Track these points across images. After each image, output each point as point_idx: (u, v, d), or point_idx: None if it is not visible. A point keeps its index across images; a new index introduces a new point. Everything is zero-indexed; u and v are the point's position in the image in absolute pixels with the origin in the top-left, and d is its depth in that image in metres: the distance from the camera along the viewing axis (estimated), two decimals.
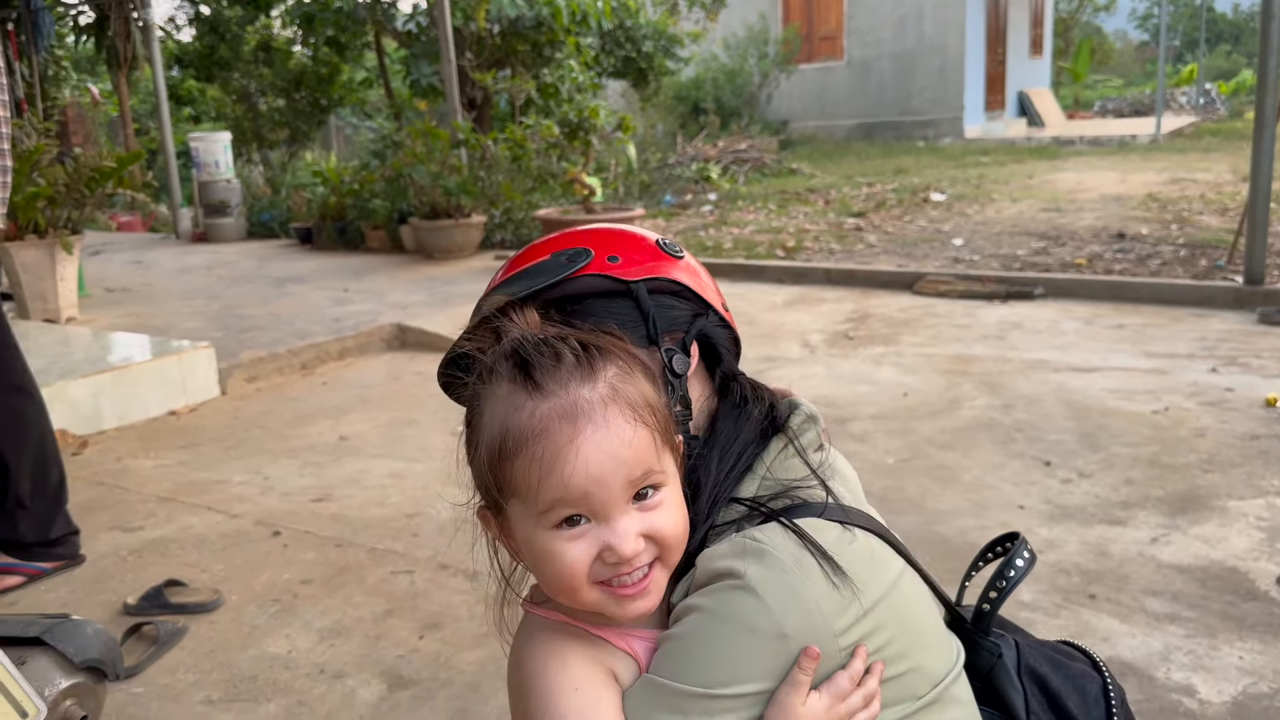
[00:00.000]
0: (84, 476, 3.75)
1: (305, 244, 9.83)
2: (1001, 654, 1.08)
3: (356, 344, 5.60)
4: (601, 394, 0.85)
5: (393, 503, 3.40)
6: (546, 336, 0.89)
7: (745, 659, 0.87)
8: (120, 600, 2.76)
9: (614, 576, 0.87)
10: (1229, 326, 5.21)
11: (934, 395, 4.29)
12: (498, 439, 0.86)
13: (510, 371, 0.87)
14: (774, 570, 0.88)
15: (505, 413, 0.86)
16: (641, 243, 1.06)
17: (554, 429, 0.83)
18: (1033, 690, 1.08)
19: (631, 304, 1.01)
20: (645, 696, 0.89)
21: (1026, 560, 1.08)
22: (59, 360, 4.59)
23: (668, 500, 0.88)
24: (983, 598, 1.08)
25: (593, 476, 0.83)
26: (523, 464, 0.84)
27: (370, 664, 2.41)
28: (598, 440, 0.83)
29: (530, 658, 0.92)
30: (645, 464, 0.86)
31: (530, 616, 0.96)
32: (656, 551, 0.88)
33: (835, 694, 0.88)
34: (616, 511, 0.85)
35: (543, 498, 0.84)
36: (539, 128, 9.22)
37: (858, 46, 19.22)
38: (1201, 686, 2.16)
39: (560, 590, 0.89)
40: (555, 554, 0.86)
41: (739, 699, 0.87)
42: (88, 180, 6.19)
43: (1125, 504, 3.11)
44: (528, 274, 1.02)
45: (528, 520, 0.87)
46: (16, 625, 1.92)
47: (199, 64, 15.39)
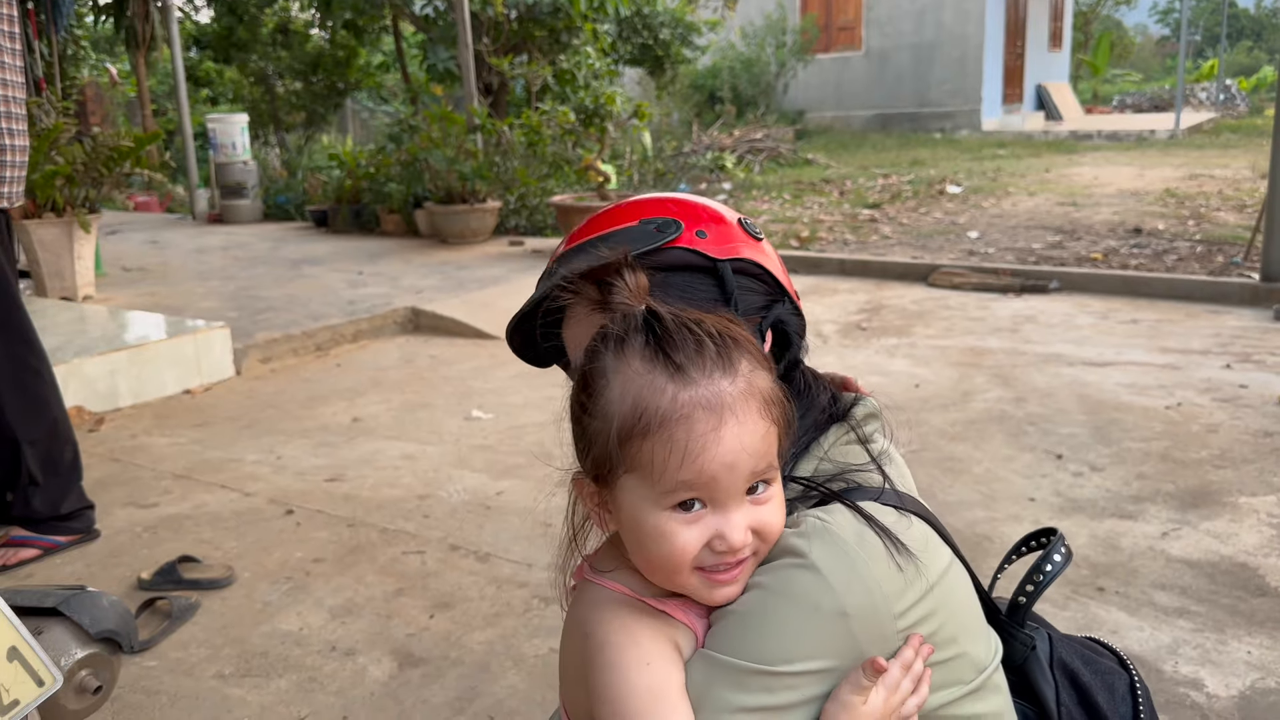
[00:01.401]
0: (100, 453, 3.78)
1: (320, 227, 9.86)
2: (1035, 646, 1.08)
3: (371, 327, 5.62)
4: (740, 388, 0.86)
5: (405, 484, 3.43)
6: (683, 319, 0.88)
7: (807, 637, 0.87)
8: (134, 575, 2.79)
9: (716, 564, 0.87)
10: (1244, 323, 5.18)
11: (946, 387, 4.29)
12: (634, 416, 0.85)
13: (645, 349, 0.87)
14: (837, 549, 0.88)
15: (642, 391, 0.85)
16: (725, 220, 1.05)
17: (696, 417, 0.84)
18: (1064, 684, 1.09)
19: (714, 282, 1.01)
20: (705, 671, 0.89)
21: (1064, 556, 1.09)
22: (76, 338, 4.62)
23: (775, 497, 0.90)
24: (1019, 590, 1.09)
25: (725, 465, 0.84)
26: (657, 445, 0.84)
27: (381, 642, 2.43)
28: (736, 432, 0.84)
29: (599, 629, 0.91)
30: (768, 458, 0.87)
31: (593, 587, 0.96)
32: (756, 545, 0.89)
33: (889, 685, 0.88)
34: (733, 502, 0.86)
35: (669, 479, 0.84)
36: (555, 114, 9.21)
37: (876, 37, 19.12)
38: (1209, 680, 2.16)
39: (660, 569, 0.89)
40: (668, 535, 0.86)
41: (800, 676, 0.87)
42: (106, 159, 6.22)
43: (1136, 498, 3.10)
44: (614, 237, 1.01)
45: (643, 497, 0.87)
46: (34, 596, 1.94)
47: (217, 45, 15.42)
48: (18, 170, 2.66)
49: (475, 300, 6.00)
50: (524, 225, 8.85)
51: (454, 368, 4.92)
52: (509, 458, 3.62)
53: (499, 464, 3.57)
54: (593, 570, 0.97)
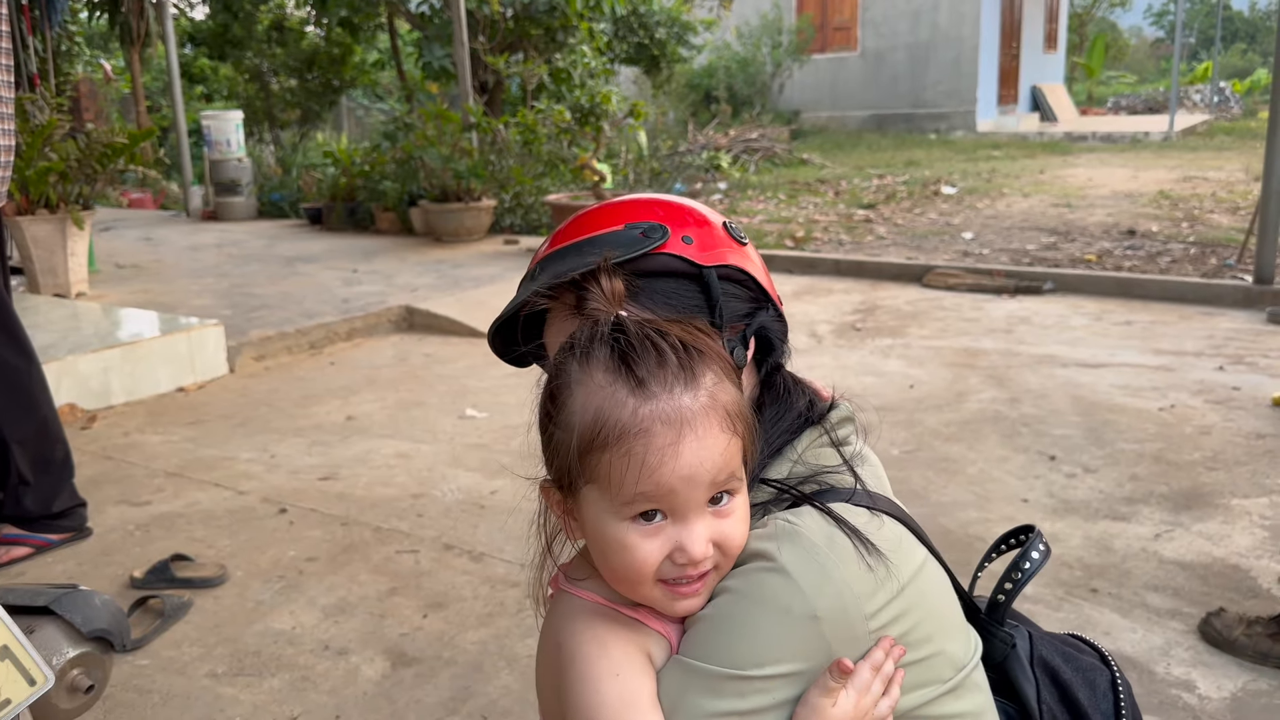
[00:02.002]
0: (92, 451, 3.77)
1: (315, 224, 9.84)
2: (1015, 644, 1.09)
3: (365, 325, 5.61)
4: (702, 403, 0.86)
5: (399, 483, 3.42)
6: (647, 330, 0.88)
7: (778, 640, 0.87)
8: (127, 574, 2.79)
9: (678, 576, 0.87)
10: (1237, 325, 5.20)
11: (940, 388, 4.29)
12: (593, 429, 0.85)
13: (609, 361, 0.87)
14: (807, 552, 0.88)
15: (603, 404, 0.85)
16: (710, 225, 1.05)
17: (656, 431, 0.84)
18: (1044, 681, 1.09)
19: (699, 289, 1.00)
20: (678, 678, 0.89)
21: (1041, 553, 1.09)
22: (69, 335, 4.61)
23: (739, 509, 0.89)
24: (998, 589, 1.09)
25: (683, 478, 0.84)
26: (615, 457, 0.84)
27: (374, 641, 2.43)
28: (695, 447, 0.84)
29: (570, 640, 0.92)
30: (729, 469, 0.87)
31: (566, 596, 0.96)
32: (718, 559, 0.88)
33: (859, 687, 0.88)
34: (694, 514, 0.86)
35: (628, 491, 0.84)
36: (550, 113, 9.19)
37: (872, 37, 19.13)
38: (1201, 682, 2.16)
39: (622, 581, 0.89)
40: (629, 547, 0.86)
41: (771, 680, 0.87)
42: (99, 156, 6.20)
43: (1129, 499, 3.11)
44: (599, 242, 1.00)
45: (604, 509, 0.87)
46: (26, 594, 1.94)
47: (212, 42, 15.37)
48: (4, 170, 2.64)
49: (470, 299, 6.00)
50: (519, 224, 8.84)
51: (448, 366, 4.92)
52: (503, 457, 3.61)
53: (493, 463, 3.56)
54: (567, 579, 0.97)
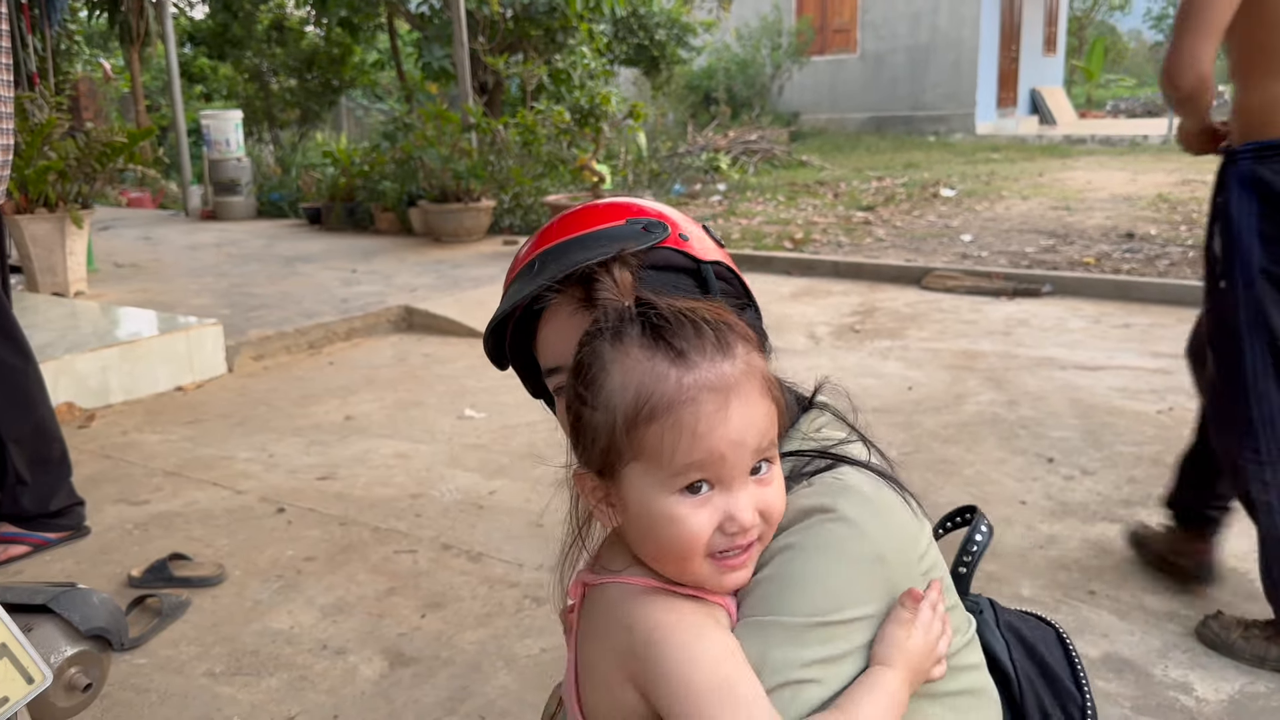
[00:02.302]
0: (90, 450, 3.77)
1: (314, 224, 9.84)
2: (982, 610, 1.17)
3: (364, 325, 5.61)
4: (741, 368, 0.88)
5: (397, 483, 3.42)
6: (677, 306, 0.90)
7: (852, 584, 0.91)
8: (125, 573, 2.79)
9: (728, 548, 0.88)
10: None
11: (939, 390, 4.30)
12: (638, 403, 0.86)
13: (643, 337, 0.88)
14: (861, 500, 0.94)
15: (644, 378, 0.86)
16: (695, 225, 1.08)
17: (702, 398, 0.85)
18: (1013, 641, 1.17)
19: (696, 284, 1.03)
20: (758, 637, 0.89)
21: (985, 534, 1.17)
22: (67, 334, 4.61)
23: (777, 478, 0.91)
24: (956, 563, 1.15)
25: (733, 443, 0.85)
26: (667, 428, 0.85)
27: (372, 641, 2.43)
28: (742, 411, 0.86)
29: (644, 619, 0.90)
30: (770, 435, 0.89)
31: (613, 586, 0.94)
32: (762, 528, 0.90)
33: (925, 624, 0.92)
34: (739, 482, 0.87)
35: (679, 461, 0.85)
36: (550, 113, 9.20)
37: (871, 40, 19.14)
38: (1199, 685, 2.17)
39: (671, 557, 0.89)
40: (680, 519, 0.87)
41: (852, 624, 0.90)
42: (99, 155, 6.20)
43: (1127, 502, 3.11)
44: (603, 236, 1.01)
45: (651, 484, 0.87)
46: (24, 593, 1.94)
47: (211, 42, 15.37)
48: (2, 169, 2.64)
49: (469, 299, 5.99)
50: (518, 224, 8.83)
51: (447, 366, 4.92)
52: (501, 457, 3.61)
53: (491, 463, 3.56)
54: (605, 571, 0.96)
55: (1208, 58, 2.05)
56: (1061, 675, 1.18)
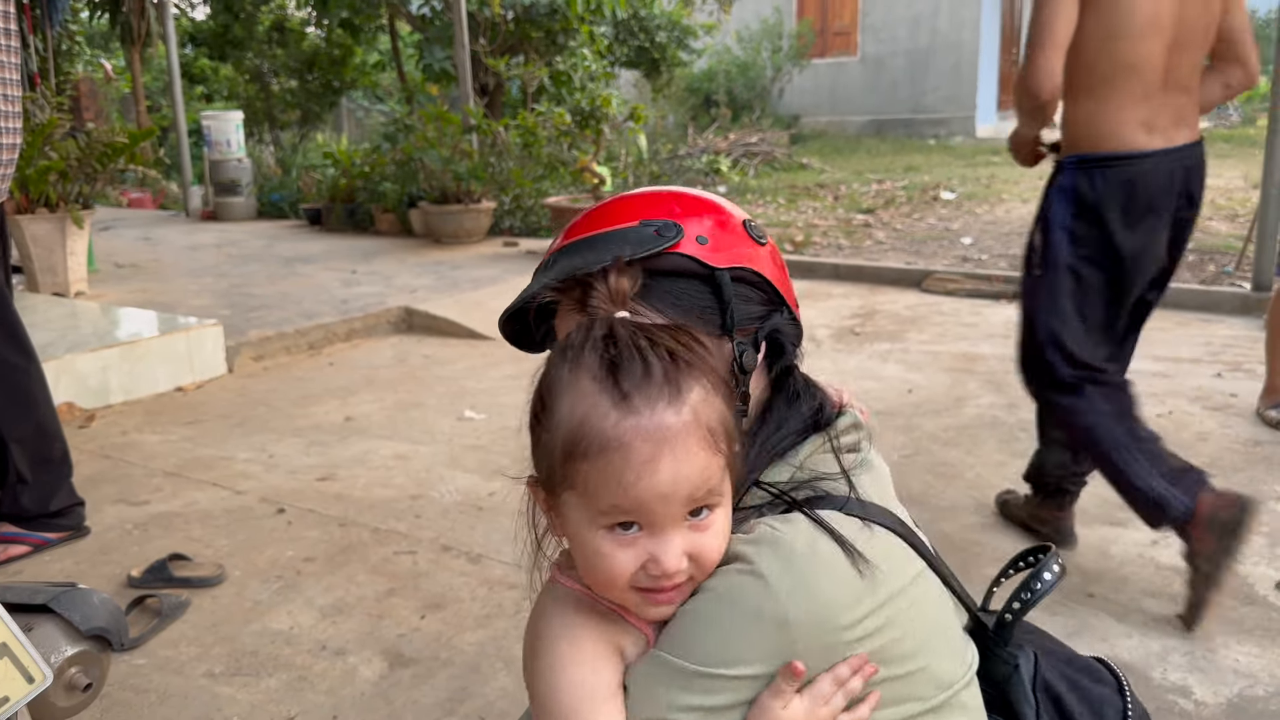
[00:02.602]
0: (90, 450, 3.77)
1: (314, 225, 9.85)
2: (1018, 665, 1.06)
3: (364, 326, 5.61)
4: (685, 420, 0.85)
5: (397, 484, 3.42)
6: (639, 340, 0.88)
7: (746, 642, 0.88)
8: (124, 573, 2.79)
9: (651, 587, 0.89)
10: (1235, 332, 5.20)
11: (939, 392, 4.30)
12: (574, 439, 0.86)
13: (597, 369, 0.86)
14: (785, 559, 0.88)
15: (586, 413, 0.85)
16: (729, 223, 1.03)
17: (635, 446, 0.84)
18: (1046, 705, 1.07)
19: (711, 291, 0.99)
20: (652, 671, 0.91)
21: (1055, 574, 1.06)
22: (67, 334, 4.61)
23: (717, 523, 0.89)
24: (1006, 607, 1.07)
25: (659, 494, 0.84)
26: (595, 468, 0.85)
27: (371, 642, 2.43)
28: (673, 465, 0.84)
29: (547, 628, 0.95)
30: (708, 485, 0.87)
31: (554, 585, 0.98)
32: (693, 570, 0.89)
33: (816, 697, 0.88)
34: (670, 527, 0.87)
35: (604, 502, 0.85)
36: (551, 115, 9.20)
37: (872, 42, 19.16)
38: (1197, 688, 2.17)
39: (597, 584, 0.92)
40: (604, 554, 0.88)
41: (738, 680, 0.88)
42: (100, 155, 6.20)
43: (1126, 505, 3.11)
44: (613, 237, 0.99)
45: (581, 516, 0.88)
46: (24, 592, 1.94)
47: (212, 43, 15.38)
48: (5, 168, 2.65)
49: (469, 300, 6.00)
50: (518, 226, 8.84)
51: (447, 368, 4.92)
52: (501, 458, 3.61)
53: (491, 464, 3.56)
54: (559, 570, 0.99)
55: (1060, 71, 2.31)
56: None
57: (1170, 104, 2.41)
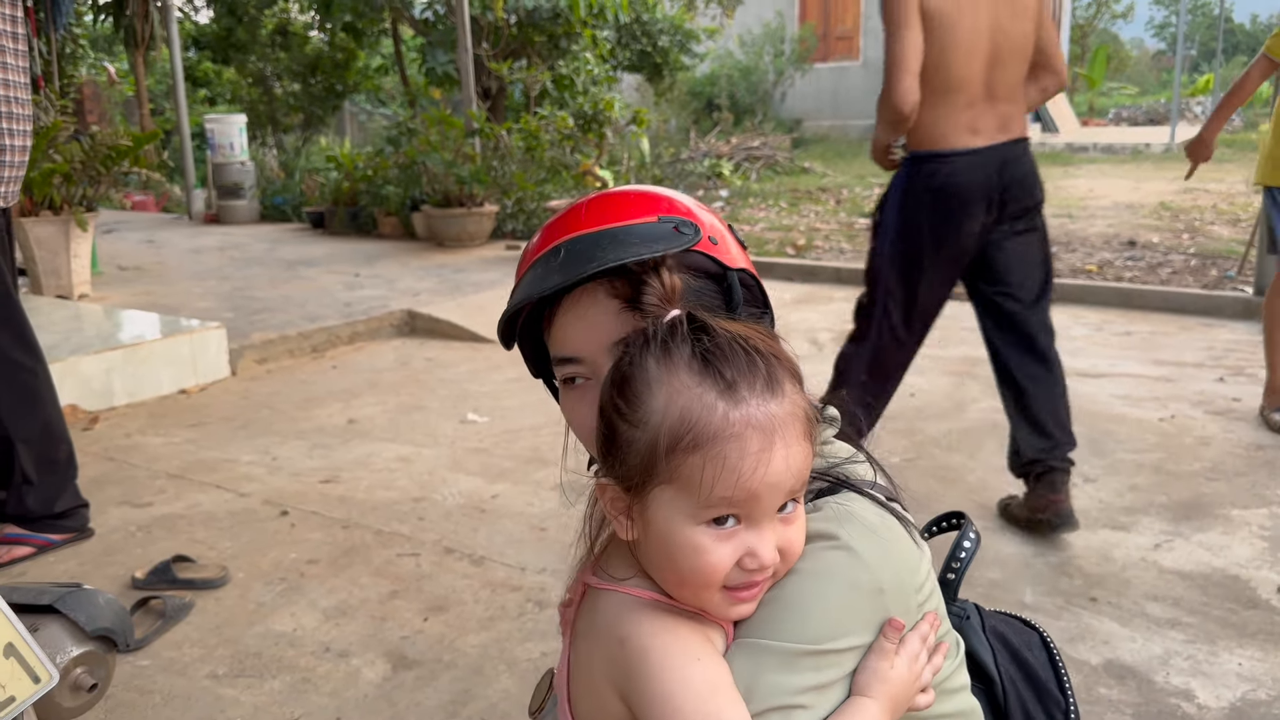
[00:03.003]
0: (94, 451, 3.78)
1: (317, 228, 9.86)
2: (969, 616, 1.17)
3: (367, 329, 5.62)
4: (787, 410, 0.86)
5: (400, 486, 3.43)
6: (733, 333, 0.87)
7: (849, 614, 0.91)
8: (128, 574, 2.79)
9: (742, 582, 0.87)
10: (1237, 337, 5.20)
11: (940, 396, 4.30)
12: (681, 430, 0.84)
13: (693, 361, 0.85)
14: (866, 530, 0.93)
15: (691, 405, 0.84)
16: (722, 226, 1.04)
17: (748, 436, 0.83)
18: (998, 646, 1.17)
19: (721, 291, 0.99)
20: (751, 660, 0.89)
21: (973, 541, 1.17)
22: (71, 336, 4.62)
23: (800, 516, 0.90)
24: (945, 569, 1.16)
25: (770, 485, 0.84)
26: (704, 460, 0.83)
27: (375, 644, 2.43)
28: (785, 454, 0.85)
29: (639, 632, 0.89)
30: (804, 476, 0.88)
31: (613, 595, 0.93)
32: (779, 565, 0.89)
33: (910, 655, 0.93)
34: (766, 519, 0.86)
35: (714, 495, 0.84)
36: (553, 119, 9.23)
37: (874, 47, 19.16)
38: (1200, 692, 2.17)
39: (688, 584, 0.88)
40: (702, 549, 0.86)
41: (845, 653, 0.90)
42: (104, 158, 6.22)
43: (1129, 509, 3.12)
44: (635, 233, 0.97)
45: (679, 511, 0.86)
46: (30, 593, 1.94)
47: (216, 46, 15.42)
48: (16, 170, 2.66)
49: (471, 304, 6.01)
50: (521, 229, 8.85)
51: (450, 370, 4.93)
52: (504, 461, 3.62)
53: (494, 467, 3.57)
54: (609, 578, 0.95)
55: (917, 89, 2.73)
56: (1046, 679, 1.19)
57: (993, 111, 2.86)
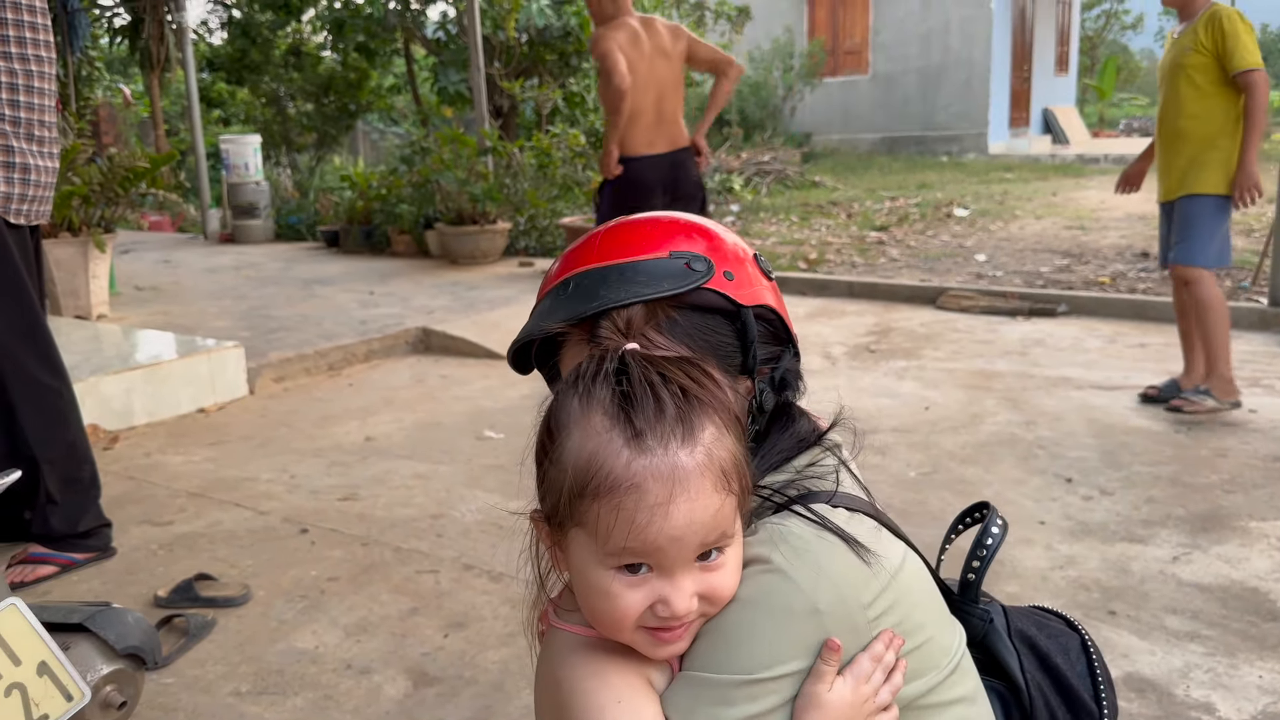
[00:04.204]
0: (115, 471, 3.82)
1: (332, 247, 9.92)
2: (992, 619, 1.11)
3: (382, 346, 5.66)
4: (698, 460, 0.84)
5: (418, 503, 3.45)
6: (651, 375, 0.86)
7: (783, 639, 0.88)
8: (151, 593, 2.82)
9: (659, 627, 0.87)
10: (1252, 348, 5.19)
11: (956, 410, 4.31)
12: (585, 477, 0.84)
13: (609, 405, 0.85)
14: (798, 550, 0.90)
15: (597, 451, 0.84)
16: (745, 258, 1.04)
17: (647, 487, 0.82)
18: (1024, 651, 1.12)
19: (735, 330, 0.99)
20: (687, 693, 0.89)
21: (1000, 527, 1.11)
22: (91, 356, 4.66)
23: (729, 562, 0.88)
24: (966, 568, 1.10)
25: (671, 538, 0.83)
26: (605, 509, 0.83)
27: (396, 661, 2.45)
28: (687, 508, 0.83)
29: (569, 675, 0.91)
30: (721, 528, 0.86)
31: (559, 633, 0.95)
32: (704, 608, 0.88)
33: (858, 675, 0.89)
34: (681, 570, 0.85)
35: (615, 544, 0.83)
36: (565, 136, 9.28)
37: (883, 61, 19.23)
38: (1221, 705, 2.17)
39: (602, 625, 0.89)
40: (611, 595, 0.86)
41: (781, 680, 0.88)
42: (121, 180, 6.29)
43: (1146, 522, 3.11)
44: (642, 270, 0.98)
45: (589, 555, 0.86)
46: (60, 612, 1.97)
47: (230, 67, 15.56)
48: (44, 190, 2.72)
49: (485, 321, 6.04)
50: (534, 246, 8.90)
51: (465, 387, 4.96)
52: (521, 478, 3.63)
53: (511, 484, 3.59)
54: (556, 614, 0.97)
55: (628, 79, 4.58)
56: (1078, 687, 1.13)
57: (662, 131, 4.78)
